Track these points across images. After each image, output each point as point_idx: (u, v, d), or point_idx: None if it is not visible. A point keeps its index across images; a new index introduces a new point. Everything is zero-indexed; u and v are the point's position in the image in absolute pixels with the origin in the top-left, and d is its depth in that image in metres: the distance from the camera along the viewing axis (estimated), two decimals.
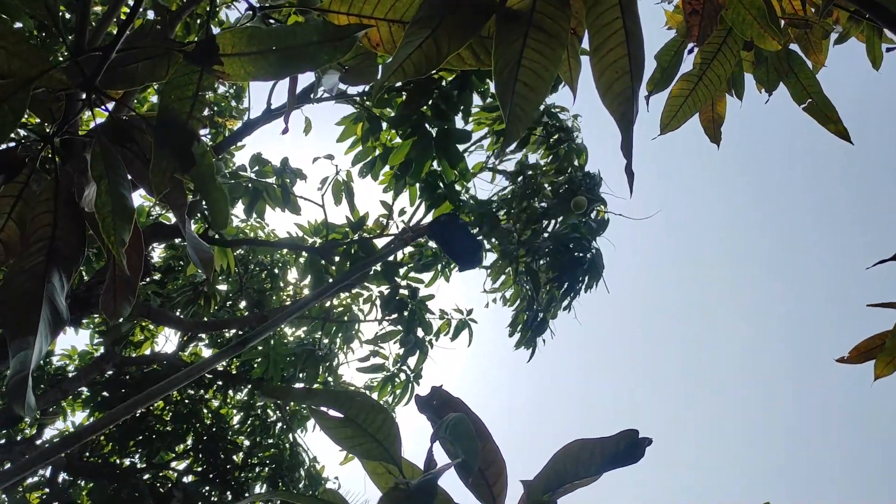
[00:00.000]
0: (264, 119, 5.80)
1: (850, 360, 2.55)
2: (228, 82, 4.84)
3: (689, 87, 2.45)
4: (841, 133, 2.66)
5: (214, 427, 9.52)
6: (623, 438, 1.44)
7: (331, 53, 1.16)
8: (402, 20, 1.48)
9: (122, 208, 1.23)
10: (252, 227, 9.47)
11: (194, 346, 10.30)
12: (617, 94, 1.31)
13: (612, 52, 1.30)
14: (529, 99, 1.22)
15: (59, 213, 1.54)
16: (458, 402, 1.58)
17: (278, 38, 1.16)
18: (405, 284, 7.09)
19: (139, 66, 1.34)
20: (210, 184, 1.26)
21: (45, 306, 1.48)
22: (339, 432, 1.45)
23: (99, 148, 1.25)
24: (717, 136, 2.95)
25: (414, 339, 7.29)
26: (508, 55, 1.24)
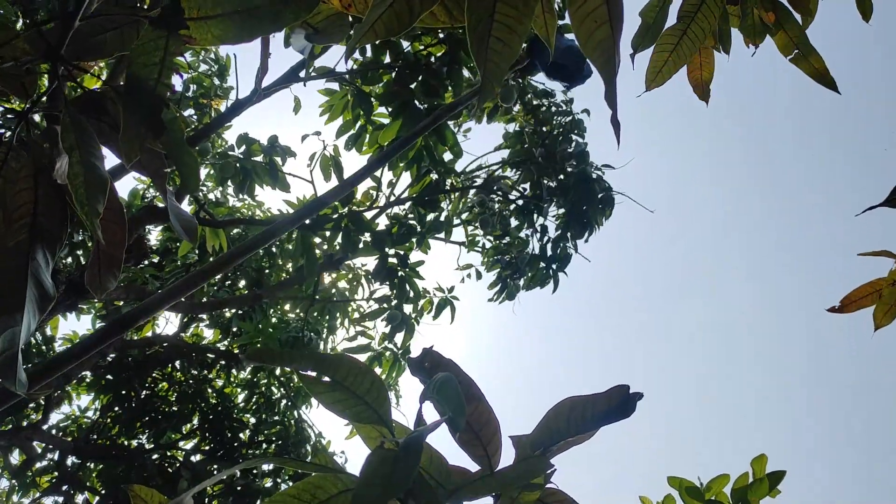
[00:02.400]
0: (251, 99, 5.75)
1: (843, 310, 2.55)
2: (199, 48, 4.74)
3: (674, 41, 2.44)
4: (828, 83, 2.64)
5: (220, 406, 9.57)
6: (614, 394, 1.45)
7: (295, 12, 1.14)
8: None
9: (94, 178, 1.22)
10: (249, 206, 9.46)
11: (195, 327, 10.34)
12: (597, 44, 1.29)
13: (590, 1, 1.28)
14: (504, 53, 1.21)
15: (40, 190, 1.53)
16: (449, 362, 1.59)
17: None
18: (393, 253, 7.12)
19: (107, 36, 1.32)
20: (180, 148, 1.25)
21: (31, 283, 1.48)
22: (329, 396, 1.46)
23: (69, 118, 1.24)
24: (705, 94, 2.93)
25: (401, 316, 7.35)
26: (481, 10, 1.22)
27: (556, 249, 7.84)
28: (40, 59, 1.22)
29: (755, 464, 3.27)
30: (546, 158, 7.52)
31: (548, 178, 7.50)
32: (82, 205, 1.22)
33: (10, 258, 1.49)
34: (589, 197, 7.34)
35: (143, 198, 9.21)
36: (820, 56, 2.55)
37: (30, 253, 1.51)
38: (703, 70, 2.93)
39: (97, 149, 1.27)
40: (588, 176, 7.36)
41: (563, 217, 7.61)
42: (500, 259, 8.24)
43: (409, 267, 7.21)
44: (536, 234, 7.89)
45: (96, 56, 1.33)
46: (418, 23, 1.31)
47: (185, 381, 9.65)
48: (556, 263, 7.90)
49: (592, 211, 7.46)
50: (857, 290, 2.43)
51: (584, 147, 7.68)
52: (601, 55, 1.25)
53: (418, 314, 7.96)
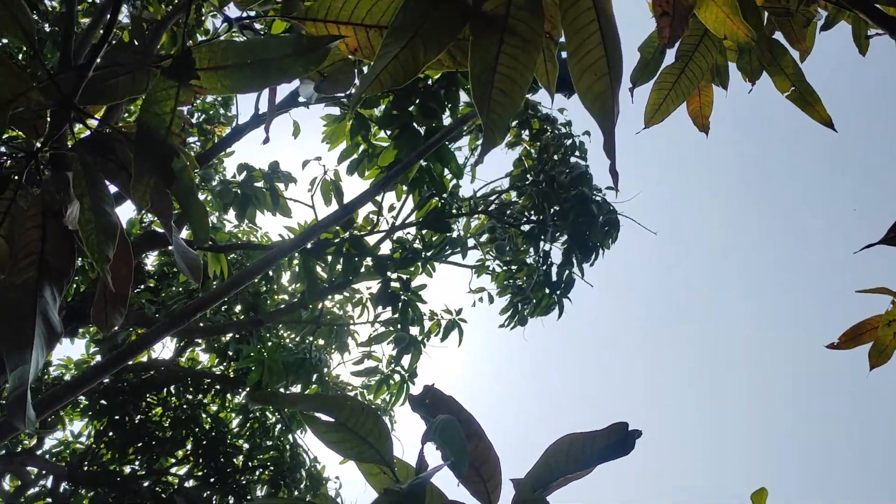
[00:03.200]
0: (252, 124, 5.81)
1: (840, 346, 2.57)
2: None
3: (672, 79, 2.47)
4: (824, 121, 2.67)
5: (214, 431, 9.52)
6: (613, 431, 1.46)
7: (304, 65, 1.17)
8: (378, 25, 1.49)
9: (105, 225, 1.24)
10: (245, 232, 9.47)
11: (191, 352, 10.30)
12: (597, 96, 1.32)
13: (590, 53, 1.31)
14: (506, 105, 1.23)
15: (48, 228, 1.55)
16: (450, 400, 1.60)
17: (253, 51, 1.17)
18: (396, 277, 7.13)
19: (118, 81, 1.34)
20: (190, 198, 1.27)
21: (39, 320, 1.49)
22: (331, 436, 1.47)
23: (80, 165, 1.26)
24: (705, 126, 2.96)
25: (408, 338, 7.34)
26: (484, 61, 1.25)
27: (562, 275, 7.84)
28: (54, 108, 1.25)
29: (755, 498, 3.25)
30: (548, 183, 7.56)
31: (550, 203, 7.53)
32: (93, 251, 1.23)
33: (19, 295, 1.50)
34: (591, 219, 7.35)
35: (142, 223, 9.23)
36: (817, 95, 2.58)
37: (38, 290, 1.52)
38: (702, 103, 2.96)
39: (107, 194, 1.29)
40: (588, 198, 7.37)
41: (567, 242, 7.62)
42: (512, 284, 8.24)
43: (412, 291, 7.21)
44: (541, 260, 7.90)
45: (108, 100, 1.35)
46: (423, 68, 1.34)
47: (180, 406, 9.60)
48: (559, 289, 7.90)
49: (596, 234, 7.47)
50: (856, 327, 2.44)
51: (585, 169, 7.71)
52: (600, 107, 1.27)
53: (425, 336, 7.93)
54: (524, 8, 1.24)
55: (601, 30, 1.29)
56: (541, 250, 7.84)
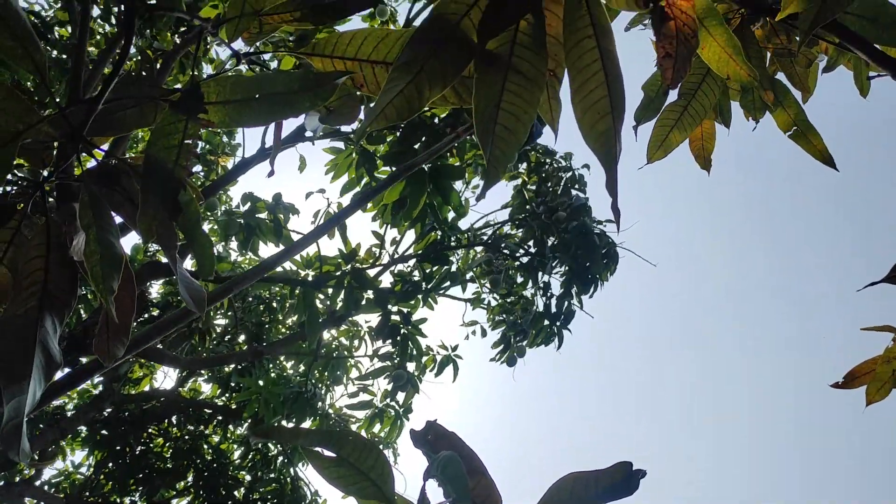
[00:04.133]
0: (259, 157, 5.86)
1: (845, 386, 2.55)
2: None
3: (675, 117, 2.49)
4: (826, 160, 2.68)
5: (215, 463, 9.45)
6: (617, 471, 1.44)
7: (312, 100, 1.18)
8: (385, 61, 1.51)
9: (110, 257, 1.25)
10: (250, 262, 9.49)
11: (193, 382, 10.26)
12: (599, 135, 1.33)
13: (593, 93, 1.32)
14: (509, 142, 1.24)
15: (51, 258, 1.55)
16: (452, 436, 1.59)
17: (261, 85, 1.19)
18: (396, 310, 7.13)
19: (127, 113, 1.36)
20: (196, 231, 1.28)
21: (39, 351, 1.49)
22: (333, 472, 1.46)
23: (87, 196, 1.27)
24: (707, 163, 2.97)
25: (407, 376, 7.33)
26: (488, 98, 1.26)
27: (561, 306, 7.86)
28: (63, 141, 1.26)
29: None
30: (547, 215, 7.60)
31: (550, 235, 7.56)
32: (98, 283, 1.24)
33: (20, 325, 1.51)
34: (591, 251, 7.38)
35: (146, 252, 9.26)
36: (818, 134, 2.59)
37: (39, 320, 1.52)
38: (704, 141, 2.97)
39: (113, 226, 1.30)
40: (589, 229, 7.41)
41: (566, 273, 7.65)
42: (505, 318, 8.27)
43: (412, 325, 7.21)
44: (540, 292, 7.93)
45: (116, 132, 1.37)
46: (428, 104, 1.35)
47: (181, 437, 9.55)
48: (559, 320, 7.92)
49: (596, 266, 7.49)
50: (861, 366, 2.43)
51: (585, 201, 7.76)
52: (602, 146, 1.28)
53: (421, 371, 7.94)
54: (528, 47, 1.26)
55: (604, 69, 1.31)
56: (540, 281, 7.86)
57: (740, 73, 1.60)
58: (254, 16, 1.34)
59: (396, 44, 1.50)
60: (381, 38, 1.49)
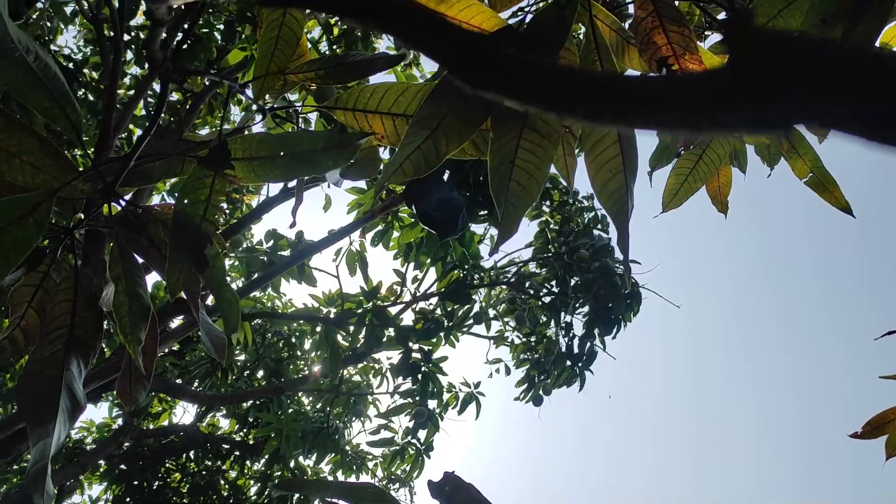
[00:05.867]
0: (282, 196, 5.95)
1: (864, 436, 2.53)
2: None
3: (690, 165, 2.51)
4: (843, 207, 2.69)
5: (231, 499, 9.42)
6: None
7: (335, 159, 1.23)
8: (404, 114, 1.56)
9: (139, 308, 1.29)
10: (269, 298, 9.56)
11: (212, 417, 10.28)
12: (612, 193, 1.36)
13: (606, 151, 1.36)
14: (522, 198, 1.28)
15: (78, 303, 1.60)
16: (469, 487, 1.59)
17: (286, 144, 1.24)
18: (417, 348, 7.14)
19: (155, 165, 1.41)
20: (222, 286, 1.32)
21: (64, 393, 1.53)
22: None
23: (118, 248, 1.32)
24: (723, 206, 2.98)
25: (427, 413, 7.31)
26: (503, 154, 1.30)
27: (584, 347, 7.83)
28: (97, 195, 1.32)
29: None
30: (569, 255, 7.61)
31: (572, 275, 7.56)
32: (125, 333, 1.28)
33: (46, 368, 1.55)
34: (613, 292, 7.36)
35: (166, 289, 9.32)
36: (835, 181, 2.60)
37: (65, 363, 1.56)
38: (721, 185, 2.99)
39: (141, 278, 1.35)
40: (611, 270, 7.40)
41: (589, 314, 7.63)
42: (529, 357, 8.24)
43: (433, 363, 7.21)
44: (563, 332, 7.91)
45: (144, 183, 1.42)
46: (445, 158, 1.39)
47: (199, 472, 9.54)
48: (582, 361, 7.88)
49: (619, 307, 7.47)
50: (880, 416, 2.41)
51: (608, 242, 7.77)
52: (614, 204, 1.32)
53: (443, 409, 7.90)
54: None
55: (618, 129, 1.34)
56: (562, 321, 7.84)
57: (757, 136, 1.62)
58: (279, 74, 1.40)
59: (416, 97, 1.55)
60: (400, 92, 1.54)
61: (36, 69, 1.09)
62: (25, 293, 1.65)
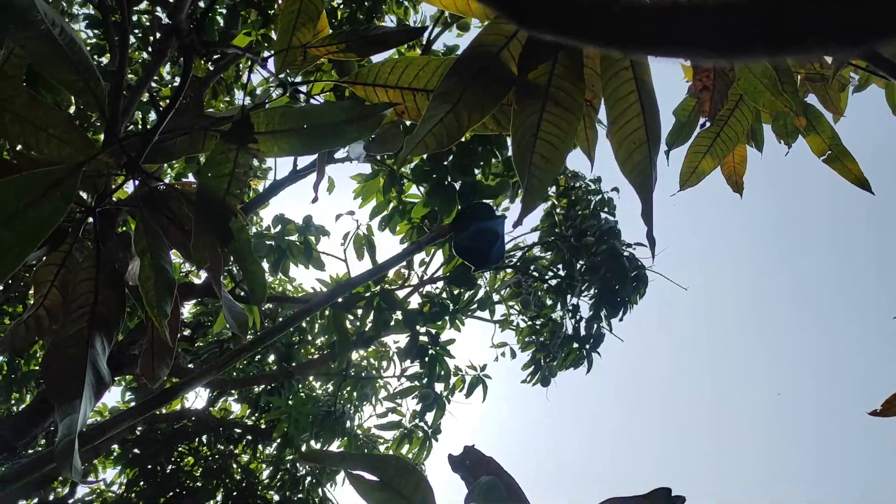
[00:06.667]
0: (291, 179, 5.95)
1: (883, 413, 2.52)
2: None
3: (708, 143, 2.50)
4: (861, 183, 2.67)
5: (244, 482, 9.49)
6: (656, 497, 1.45)
7: (358, 131, 1.22)
8: (425, 89, 1.55)
9: (164, 281, 1.30)
10: (280, 282, 9.59)
11: (224, 402, 10.35)
12: (635, 164, 1.36)
13: (629, 123, 1.35)
14: (546, 170, 1.27)
15: (101, 281, 1.61)
16: (490, 461, 1.60)
17: (309, 116, 1.23)
18: (424, 331, 7.16)
19: (176, 142, 1.41)
20: (247, 258, 1.32)
21: (89, 370, 1.54)
22: (375, 496, 1.48)
23: (142, 223, 1.32)
24: (739, 186, 2.97)
25: (434, 395, 7.33)
26: (526, 127, 1.29)
27: (591, 329, 7.84)
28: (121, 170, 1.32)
29: None
30: (576, 238, 7.61)
31: (579, 258, 7.57)
32: (152, 306, 1.29)
33: (71, 346, 1.56)
34: (620, 275, 7.37)
35: (178, 272, 9.39)
36: (853, 158, 2.58)
37: (89, 340, 1.57)
38: (736, 164, 2.97)
39: (166, 252, 1.35)
40: (618, 253, 7.40)
41: (595, 296, 7.64)
42: (535, 340, 8.27)
43: (440, 346, 7.23)
44: (569, 315, 7.92)
45: (166, 160, 1.42)
46: (467, 131, 1.39)
47: (211, 456, 9.61)
48: (589, 343, 7.90)
49: (625, 289, 7.47)
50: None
51: (614, 225, 7.77)
52: (639, 175, 1.31)
53: (450, 392, 7.94)
54: (566, 78, 1.29)
55: (640, 100, 1.33)
56: (569, 304, 7.86)
57: (776, 104, 1.61)
58: (300, 48, 1.39)
59: (437, 72, 1.54)
60: (421, 67, 1.53)
61: (61, 42, 1.09)
62: (48, 272, 1.66)
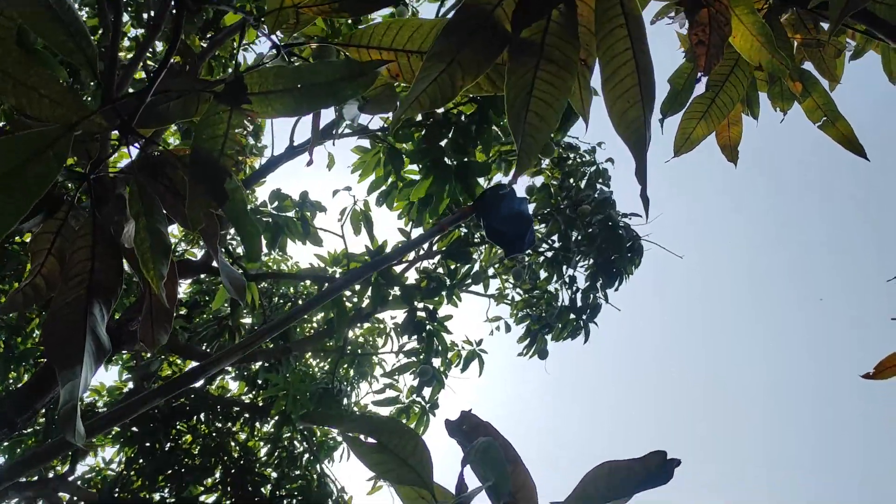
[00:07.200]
0: (287, 156, 5.93)
1: (877, 376, 2.54)
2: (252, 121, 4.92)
3: (702, 109, 2.49)
4: (856, 150, 2.67)
5: (242, 460, 9.55)
6: (652, 460, 1.46)
7: (353, 89, 1.22)
8: (419, 51, 1.55)
9: (159, 244, 1.30)
10: (275, 261, 9.60)
11: (221, 380, 10.39)
12: (630, 123, 1.35)
13: (623, 81, 1.34)
14: (540, 129, 1.27)
15: (98, 248, 1.61)
16: (487, 425, 1.61)
17: (303, 75, 1.23)
18: (422, 307, 7.17)
19: (170, 105, 1.41)
20: (243, 218, 1.32)
21: (89, 337, 1.55)
22: (373, 458, 1.49)
23: (136, 187, 1.32)
24: (734, 156, 2.97)
25: (432, 371, 7.36)
26: (520, 86, 1.29)
27: (587, 300, 7.87)
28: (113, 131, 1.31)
29: None
30: (572, 209, 7.61)
31: (574, 230, 7.57)
32: (148, 269, 1.29)
33: (69, 313, 1.56)
34: (616, 245, 7.38)
35: (175, 251, 9.39)
36: (848, 123, 2.58)
37: (87, 307, 1.58)
38: (731, 132, 2.96)
39: (161, 215, 1.35)
40: (614, 223, 7.41)
41: (591, 267, 7.65)
42: (530, 313, 8.29)
43: (438, 321, 7.25)
44: (566, 286, 7.94)
45: (160, 124, 1.42)
46: (462, 91, 1.38)
47: (209, 434, 9.66)
48: (586, 314, 7.93)
49: (621, 260, 7.48)
50: (893, 356, 2.42)
51: (609, 195, 7.76)
52: (633, 133, 1.31)
53: (446, 367, 7.97)
54: (560, 35, 1.28)
55: (635, 57, 1.33)
56: (565, 275, 7.87)
57: (771, 60, 1.61)
58: (292, 8, 1.38)
59: (430, 33, 1.53)
60: (415, 28, 1.52)
61: (52, 2, 1.09)
62: (44, 240, 1.66)
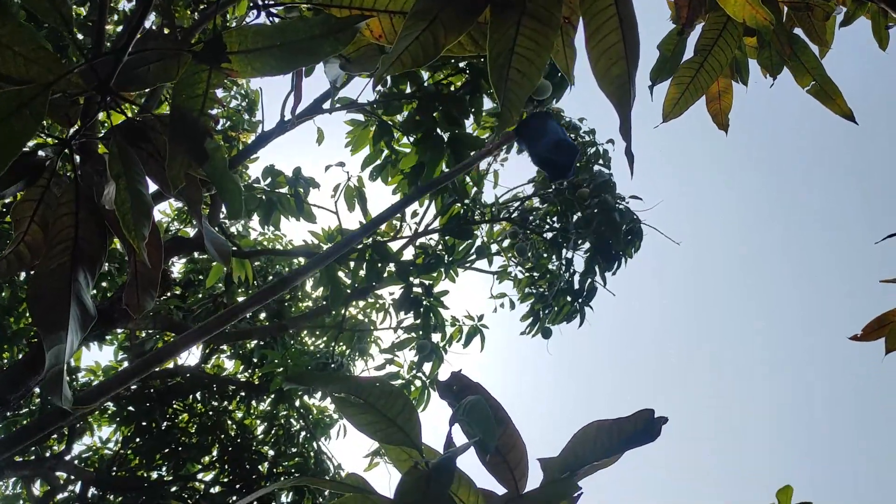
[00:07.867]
0: (278, 131, 5.89)
1: (864, 338, 2.56)
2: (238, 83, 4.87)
3: (691, 74, 2.48)
4: (845, 114, 2.67)
5: (239, 438, 9.60)
6: (639, 418, 1.47)
7: (333, 45, 1.21)
8: (402, 11, 1.53)
9: (140, 204, 1.29)
10: (268, 239, 9.58)
11: (216, 358, 10.41)
12: (613, 79, 1.35)
13: (607, 37, 1.33)
14: (522, 85, 1.27)
15: (81, 214, 1.60)
16: (477, 386, 1.61)
17: (282, 33, 1.22)
18: (418, 283, 7.17)
19: (150, 67, 1.39)
20: (224, 176, 1.32)
21: (74, 303, 1.54)
22: (361, 418, 1.49)
23: (116, 147, 1.31)
24: (724, 123, 2.96)
25: (430, 346, 7.37)
26: (502, 43, 1.28)
27: (584, 283, 7.86)
28: (91, 92, 1.30)
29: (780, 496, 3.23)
30: (570, 190, 7.59)
31: (572, 210, 7.56)
32: (129, 229, 1.28)
33: (54, 280, 1.56)
34: (613, 228, 7.36)
35: (167, 230, 9.38)
36: (837, 88, 2.58)
37: (72, 274, 1.57)
38: (721, 100, 2.95)
39: (142, 176, 1.34)
40: (611, 205, 7.39)
41: (590, 250, 7.64)
42: (533, 291, 8.28)
43: (434, 297, 7.25)
44: (564, 268, 7.94)
45: (140, 87, 1.40)
46: (445, 52, 1.37)
47: (206, 413, 9.70)
48: (582, 297, 7.93)
49: (619, 243, 7.47)
50: (879, 318, 2.44)
51: (609, 177, 7.74)
52: (617, 90, 1.30)
53: (447, 342, 7.97)
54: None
55: (619, 13, 1.32)
56: (563, 257, 7.88)
57: (758, 16, 1.60)
58: None
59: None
60: None
61: None
62: (27, 208, 1.65)
